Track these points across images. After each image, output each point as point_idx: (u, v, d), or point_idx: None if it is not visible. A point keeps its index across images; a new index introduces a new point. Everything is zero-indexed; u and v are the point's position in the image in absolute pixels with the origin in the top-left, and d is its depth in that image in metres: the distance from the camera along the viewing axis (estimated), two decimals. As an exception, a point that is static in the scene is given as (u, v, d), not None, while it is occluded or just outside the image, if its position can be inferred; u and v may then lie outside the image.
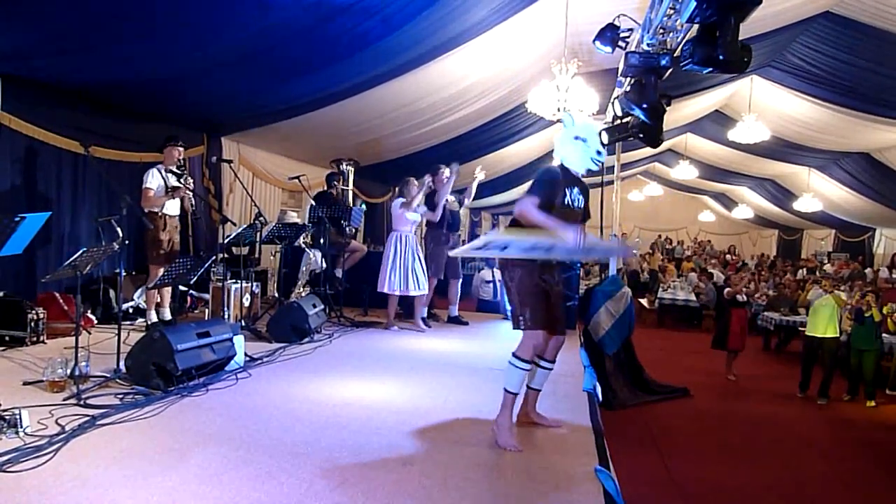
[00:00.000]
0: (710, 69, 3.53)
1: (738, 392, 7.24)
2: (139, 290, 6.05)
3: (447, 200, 6.64)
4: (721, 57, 3.40)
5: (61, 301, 5.19)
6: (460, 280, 7.19)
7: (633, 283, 13.58)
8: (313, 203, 6.93)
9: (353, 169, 7.77)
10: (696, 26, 3.62)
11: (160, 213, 5.46)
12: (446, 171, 6.49)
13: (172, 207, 5.59)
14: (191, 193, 5.70)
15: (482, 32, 6.24)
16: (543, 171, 3.25)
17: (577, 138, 3.20)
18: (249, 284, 6.17)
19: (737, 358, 7.94)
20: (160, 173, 5.46)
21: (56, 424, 2.93)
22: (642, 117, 4.66)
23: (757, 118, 9.96)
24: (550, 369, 3.39)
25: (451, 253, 5.70)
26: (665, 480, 4.31)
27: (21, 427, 2.78)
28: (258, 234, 6.10)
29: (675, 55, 4.33)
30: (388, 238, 6.51)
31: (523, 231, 3.04)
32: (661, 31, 4.23)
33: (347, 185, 8.30)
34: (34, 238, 3.21)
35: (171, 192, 5.45)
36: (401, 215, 6.30)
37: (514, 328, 3.24)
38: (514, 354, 3.16)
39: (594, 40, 4.78)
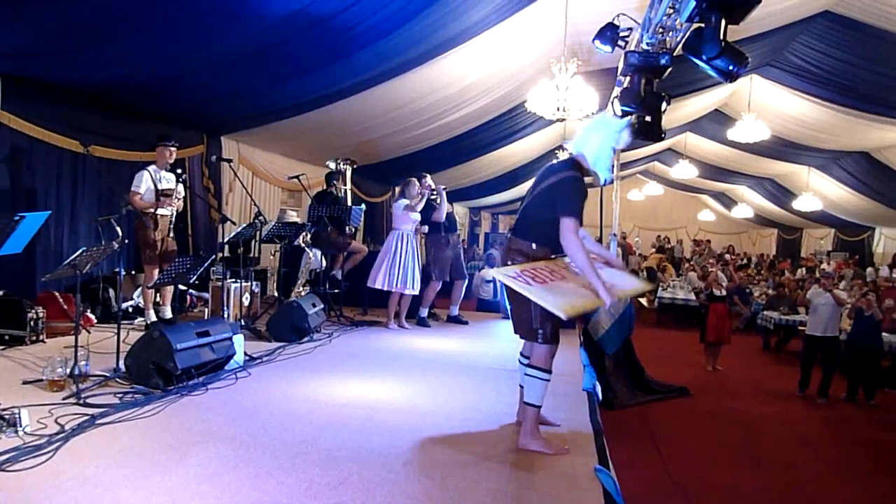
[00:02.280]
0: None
1: (738, 391, 7.24)
2: (139, 290, 6.05)
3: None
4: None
5: (61, 300, 5.18)
6: (465, 281, 7.21)
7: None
8: (313, 202, 6.93)
9: (349, 168, 7.74)
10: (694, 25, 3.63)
11: (151, 214, 5.37)
12: (429, 179, 6.60)
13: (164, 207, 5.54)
14: (180, 201, 5.57)
15: (482, 31, 6.23)
16: (573, 180, 2.97)
17: (611, 146, 2.99)
18: (249, 284, 6.17)
19: (719, 351, 8.05)
20: (151, 175, 5.33)
21: (56, 424, 2.92)
22: (643, 115, 4.68)
23: (756, 117, 9.95)
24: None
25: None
26: (665, 480, 4.31)
27: (20, 426, 2.78)
28: (257, 233, 6.09)
29: (674, 54, 4.35)
30: (389, 235, 6.55)
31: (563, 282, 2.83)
32: (661, 30, 4.25)
33: (346, 185, 8.27)
34: (34, 237, 3.21)
35: (160, 195, 5.32)
36: (403, 215, 6.41)
37: (527, 340, 3.14)
38: (532, 366, 3.01)
39: (594, 40, 4.79)
